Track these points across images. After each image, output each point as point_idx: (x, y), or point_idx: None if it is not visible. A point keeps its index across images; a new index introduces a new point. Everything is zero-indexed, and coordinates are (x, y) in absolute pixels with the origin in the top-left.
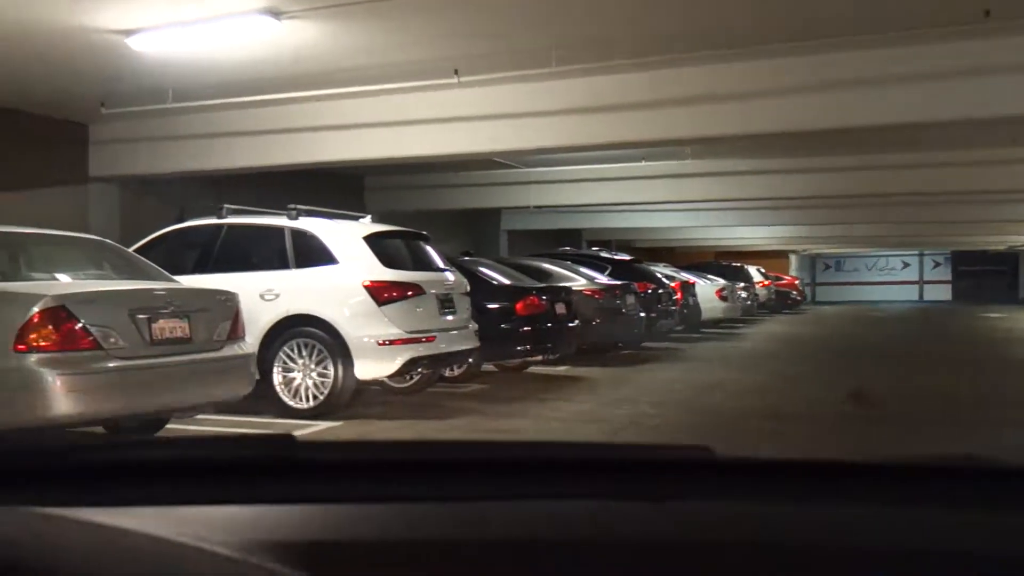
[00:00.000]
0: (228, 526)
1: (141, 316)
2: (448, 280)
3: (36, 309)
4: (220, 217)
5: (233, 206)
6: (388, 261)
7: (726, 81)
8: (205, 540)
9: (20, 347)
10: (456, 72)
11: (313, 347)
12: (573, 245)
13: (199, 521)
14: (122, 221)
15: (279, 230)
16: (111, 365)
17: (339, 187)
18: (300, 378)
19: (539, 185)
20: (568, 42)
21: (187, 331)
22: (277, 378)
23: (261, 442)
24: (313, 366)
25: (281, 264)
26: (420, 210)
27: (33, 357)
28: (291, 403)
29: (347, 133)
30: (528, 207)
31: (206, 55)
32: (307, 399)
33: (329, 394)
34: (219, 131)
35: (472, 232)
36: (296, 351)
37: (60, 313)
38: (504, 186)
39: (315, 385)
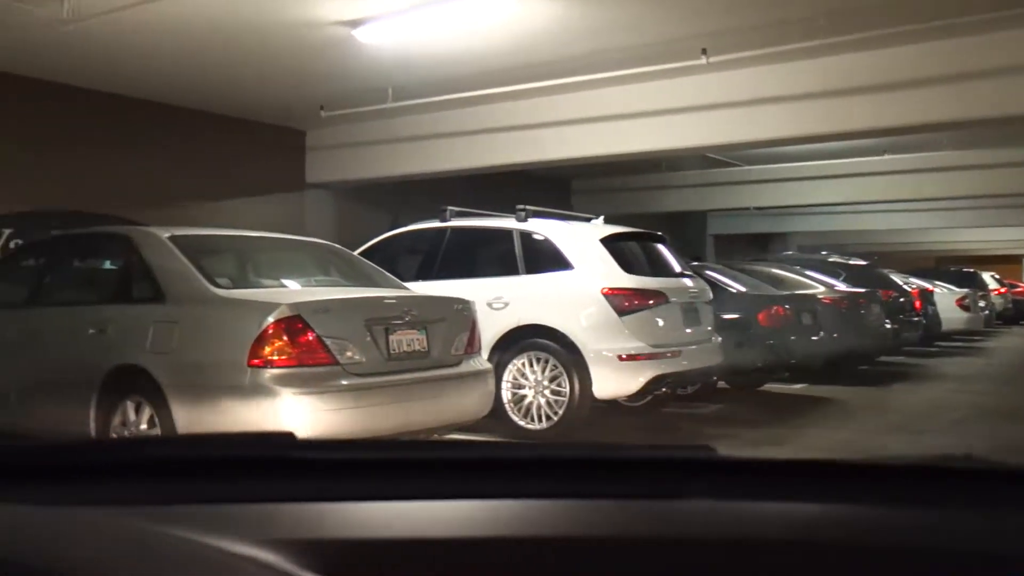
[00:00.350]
0: (229, 524)
1: (378, 327)
2: (690, 287)
3: (271, 319)
4: (443, 220)
5: (456, 208)
6: (627, 266)
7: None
8: (206, 537)
9: (255, 362)
10: (704, 52)
11: (546, 361)
12: (780, 250)
13: (201, 519)
14: (337, 226)
15: (507, 233)
16: (348, 382)
17: (545, 190)
18: (531, 395)
19: (756, 185)
20: (842, 7)
21: (424, 344)
22: (506, 395)
23: (261, 440)
24: (546, 383)
25: (510, 270)
26: (625, 214)
27: (268, 373)
28: (521, 423)
29: (570, 129)
30: (748, 208)
31: (431, 46)
32: (539, 419)
33: (564, 414)
34: (435, 132)
35: (676, 237)
36: (527, 365)
37: (296, 324)
38: (719, 186)
39: (548, 404)
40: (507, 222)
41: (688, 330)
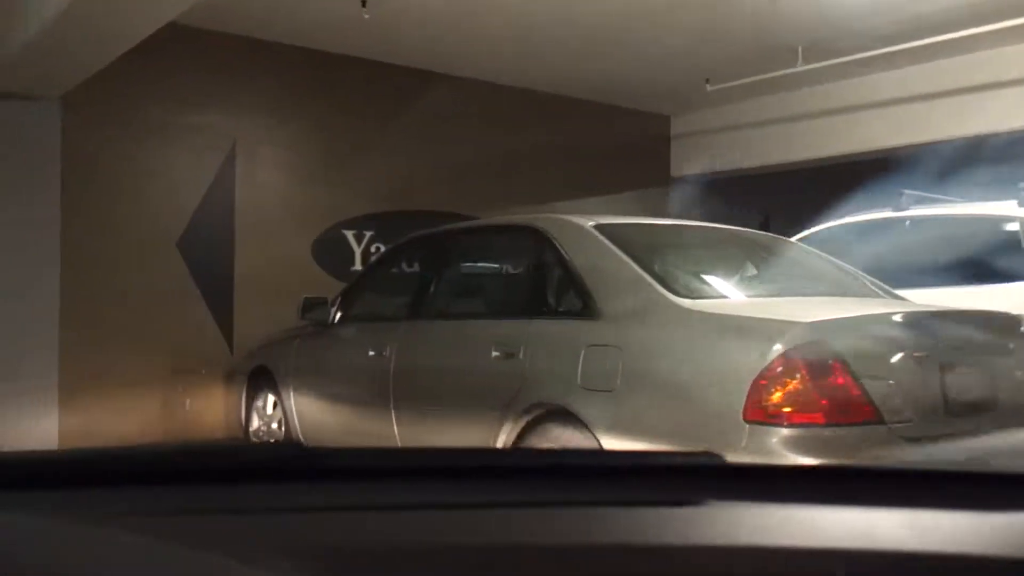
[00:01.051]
0: (237, 533)
1: (928, 362)
2: None
3: (780, 347)
4: (897, 208)
5: (915, 192)
6: None
7: None
8: (211, 548)
9: (755, 415)
10: None
11: None
12: None
13: (208, 529)
14: None
15: (1008, 223)
16: (899, 452)
17: (861, 183)
18: None
19: None
20: None
21: (991, 389)
22: None
23: (268, 450)
24: None
25: (1017, 274)
26: None
27: (778, 435)
28: None
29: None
30: None
31: None
32: None
33: None
34: (841, 105)
35: None
36: None
37: (820, 356)
38: None
39: None
40: (1003, 207)
41: None
